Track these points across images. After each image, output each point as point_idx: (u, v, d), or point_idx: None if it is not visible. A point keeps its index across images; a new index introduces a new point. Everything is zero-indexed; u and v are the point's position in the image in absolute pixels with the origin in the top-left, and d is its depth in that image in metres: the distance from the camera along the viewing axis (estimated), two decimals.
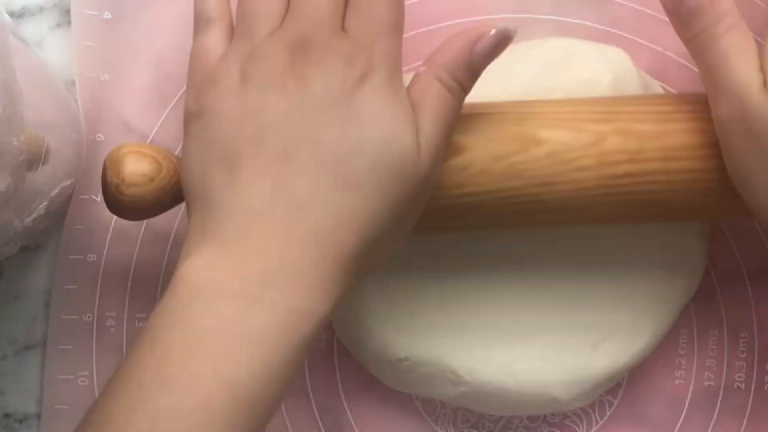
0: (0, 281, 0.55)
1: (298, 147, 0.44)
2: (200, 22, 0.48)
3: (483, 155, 0.48)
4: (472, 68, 0.47)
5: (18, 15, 0.55)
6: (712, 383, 0.56)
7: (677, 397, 0.56)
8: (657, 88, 0.54)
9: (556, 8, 0.55)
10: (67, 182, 0.51)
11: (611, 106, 0.50)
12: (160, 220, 0.54)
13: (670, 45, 0.54)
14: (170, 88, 0.54)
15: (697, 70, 0.53)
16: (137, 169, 0.48)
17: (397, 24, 0.47)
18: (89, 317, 0.55)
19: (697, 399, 0.56)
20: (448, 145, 0.47)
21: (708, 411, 0.56)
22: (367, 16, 0.46)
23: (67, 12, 0.54)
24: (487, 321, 0.55)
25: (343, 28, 0.46)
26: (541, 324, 0.55)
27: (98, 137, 0.54)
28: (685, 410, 0.57)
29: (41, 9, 0.55)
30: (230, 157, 0.45)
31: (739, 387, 0.56)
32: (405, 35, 0.47)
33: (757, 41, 0.46)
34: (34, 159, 0.46)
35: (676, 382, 0.57)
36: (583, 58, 0.53)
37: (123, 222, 0.54)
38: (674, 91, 0.54)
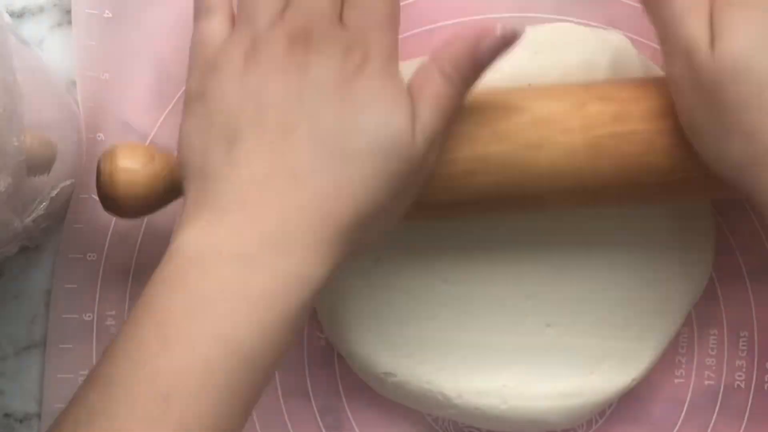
0: (0, 281, 0.55)
1: (297, 124, 0.46)
2: (201, 10, 0.49)
3: (468, 120, 0.49)
4: (475, 64, 0.47)
5: (18, 15, 0.55)
6: (713, 382, 0.56)
7: (677, 396, 0.57)
8: (658, 71, 0.53)
9: (557, 7, 0.54)
10: (67, 182, 0.51)
11: (590, 86, 0.51)
12: (161, 220, 0.54)
13: None
14: (170, 88, 0.54)
15: None
16: (129, 154, 0.49)
17: (392, 15, 0.48)
18: (89, 316, 0.55)
19: (697, 398, 0.57)
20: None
21: (708, 410, 0.56)
22: (363, 8, 0.47)
23: (68, 12, 0.54)
24: (477, 340, 0.54)
25: (341, 20, 0.47)
26: (534, 345, 0.54)
27: (98, 137, 0.54)
28: (685, 409, 0.57)
29: (41, 9, 0.55)
30: (231, 134, 0.46)
31: (739, 386, 0.56)
32: (407, 33, 0.48)
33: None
34: (44, 163, 0.46)
35: (676, 381, 0.57)
36: (581, 39, 0.53)
37: (123, 221, 0.54)
38: None
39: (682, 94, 0.47)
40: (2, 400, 0.56)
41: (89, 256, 0.55)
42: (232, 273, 0.44)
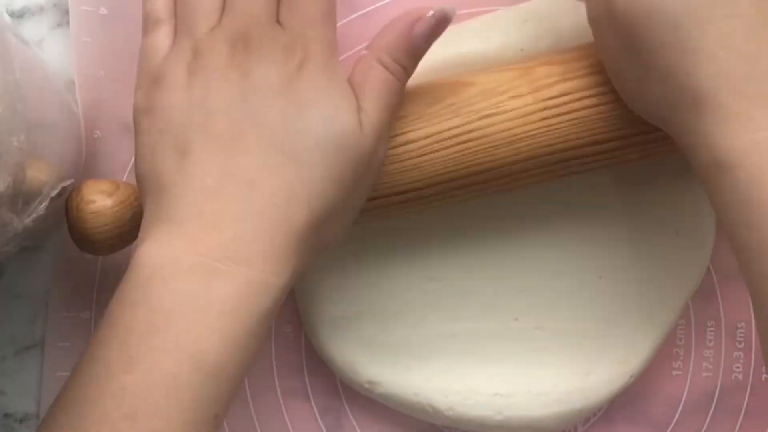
0: (0, 281, 0.55)
1: (244, 129, 0.46)
2: (147, 23, 0.49)
3: (418, 102, 0.49)
4: (411, 49, 0.48)
5: (18, 15, 0.55)
6: (710, 374, 0.56)
7: (675, 388, 0.57)
8: None
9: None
10: (67, 182, 0.51)
11: (531, 56, 0.51)
12: None
13: None
14: None
15: None
16: (92, 188, 0.50)
17: (328, 13, 0.48)
18: (87, 314, 0.55)
19: (695, 391, 0.57)
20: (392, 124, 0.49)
21: (706, 403, 0.57)
22: (299, 8, 0.48)
23: (67, 12, 0.54)
24: (466, 345, 0.54)
25: (278, 21, 0.48)
26: (527, 348, 0.54)
27: (96, 135, 0.54)
28: (683, 402, 0.57)
29: (41, 9, 0.55)
30: (180, 144, 0.46)
31: (737, 378, 0.56)
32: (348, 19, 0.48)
33: None
34: (30, 199, 0.47)
35: (674, 373, 0.57)
36: (572, 7, 0.53)
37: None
38: None
39: (603, 37, 0.47)
40: (2, 400, 0.56)
41: (88, 255, 0.55)
42: (191, 285, 0.44)
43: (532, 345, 0.54)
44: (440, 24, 0.48)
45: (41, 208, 0.49)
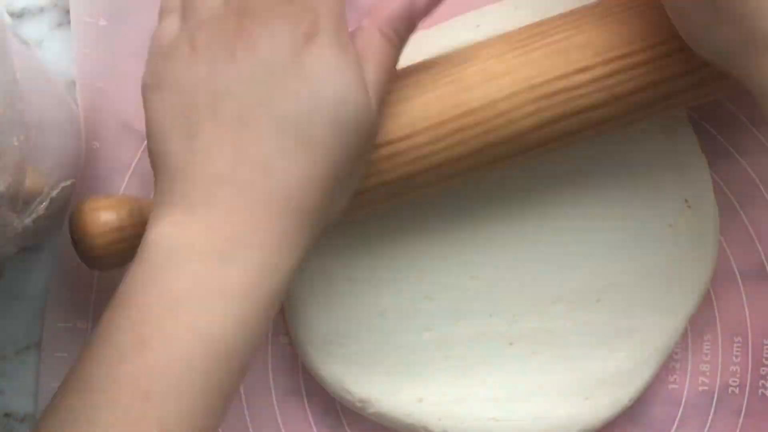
0: (0, 281, 0.55)
1: (254, 111, 0.45)
2: (163, 12, 0.49)
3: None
4: (411, 20, 0.48)
5: (18, 15, 0.55)
6: (707, 388, 0.56)
7: (672, 402, 0.56)
8: None
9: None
10: (67, 182, 0.51)
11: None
12: None
13: None
14: None
15: None
16: (100, 203, 0.51)
17: None
18: (84, 324, 0.55)
19: (691, 404, 0.56)
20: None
21: (703, 416, 0.56)
22: None
23: (68, 12, 0.54)
24: (461, 369, 0.53)
25: None
26: (524, 372, 0.53)
27: (95, 145, 0.54)
28: (679, 416, 0.56)
29: (41, 9, 0.55)
30: (188, 124, 0.46)
31: (733, 392, 0.56)
32: None
33: None
34: (30, 199, 0.46)
35: (670, 387, 0.56)
36: None
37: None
38: None
39: None
40: (2, 400, 0.56)
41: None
42: (206, 269, 0.44)
43: (528, 369, 0.53)
44: None
45: (41, 208, 0.49)
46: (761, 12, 0.43)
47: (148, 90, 0.47)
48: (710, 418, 0.56)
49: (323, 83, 0.45)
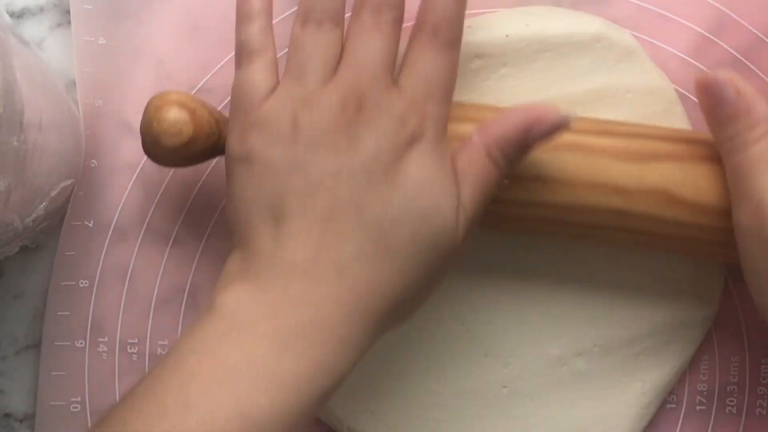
0: (0, 281, 0.55)
1: (344, 209, 0.45)
2: (242, 54, 0.47)
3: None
4: (523, 148, 0.46)
5: (18, 15, 0.55)
6: (704, 408, 0.55)
7: (668, 424, 0.55)
8: (640, 49, 0.53)
9: (556, 3, 0.54)
10: (67, 182, 0.51)
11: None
12: (161, 223, 0.54)
13: (672, 41, 0.54)
14: (170, 87, 0.54)
15: (698, 65, 0.53)
16: (177, 98, 0.49)
17: (450, 87, 0.47)
18: (81, 343, 0.55)
19: (688, 425, 0.55)
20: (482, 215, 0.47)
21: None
22: (422, 75, 0.46)
23: (68, 12, 0.54)
24: (450, 412, 0.53)
25: (396, 83, 0.46)
26: (518, 421, 0.53)
27: (97, 138, 0.54)
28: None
29: (41, 9, 0.55)
30: (277, 209, 0.45)
31: (731, 412, 0.55)
32: None
33: None
34: (30, 199, 0.47)
35: (668, 407, 0.55)
36: (572, 15, 0.53)
37: (122, 222, 0.54)
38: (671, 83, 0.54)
39: (749, 243, 0.46)
40: (2, 400, 0.56)
41: (82, 283, 0.55)
42: (263, 352, 0.43)
43: (522, 413, 0.53)
44: (560, 128, 0.46)
45: (41, 208, 0.49)
46: None
47: (235, 160, 0.46)
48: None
49: (414, 193, 0.45)
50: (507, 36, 0.51)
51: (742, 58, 0.54)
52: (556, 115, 0.46)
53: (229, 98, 0.47)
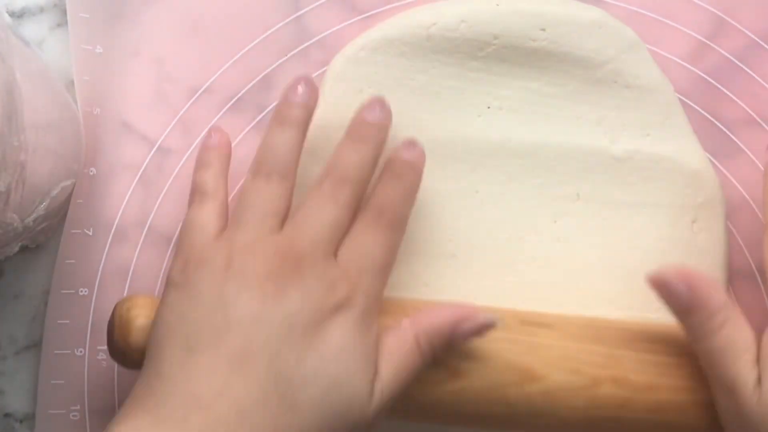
0: (0, 281, 0.55)
1: (257, 354, 0.45)
2: (195, 194, 0.50)
3: (478, 384, 0.49)
4: (450, 342, 0.48)
5: (18, 15, 0.55)
6: None
7: None
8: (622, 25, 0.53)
9: None
10: (67, 182, 0.51)
11: (614, 347, 0.50)
12: (162, 223, 0.54)
13: (669, 46, 0.54)
14: (170, 88, 0.54)
15: (695, 70, 0.53)
16: (141, 302, 0.50)
17: (387, 265, 0.48)
18: (81, 351, 0.55)
19: None
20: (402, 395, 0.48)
21: None
22: (361, 250, 0.47)
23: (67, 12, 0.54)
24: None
25: (335, 254, 0.47)
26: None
27: (97, 138, 0.54)
28: None
29: (41, 9, 0.55)
30: (192, 339, 0.46)
31: None
32: None
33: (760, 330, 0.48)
34: (30, 199, 0.47)
35: None
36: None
37: (124, 224, 0.54)
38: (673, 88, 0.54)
39: (728, 424, 0.48)
40: (2, 400, 0.56)
41: (81, 291, 0.55)
42: None
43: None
44: (484, 329, 0.48)
45: (41, 208, 0.49)
46: None
47: (171, 285, 0.47)
48: None
49: (330, 357, 0.45)
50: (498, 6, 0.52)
51: (739, 63, 0.54)
52: (483, 317, 0.48)
53: (230, 100, 0.48)
